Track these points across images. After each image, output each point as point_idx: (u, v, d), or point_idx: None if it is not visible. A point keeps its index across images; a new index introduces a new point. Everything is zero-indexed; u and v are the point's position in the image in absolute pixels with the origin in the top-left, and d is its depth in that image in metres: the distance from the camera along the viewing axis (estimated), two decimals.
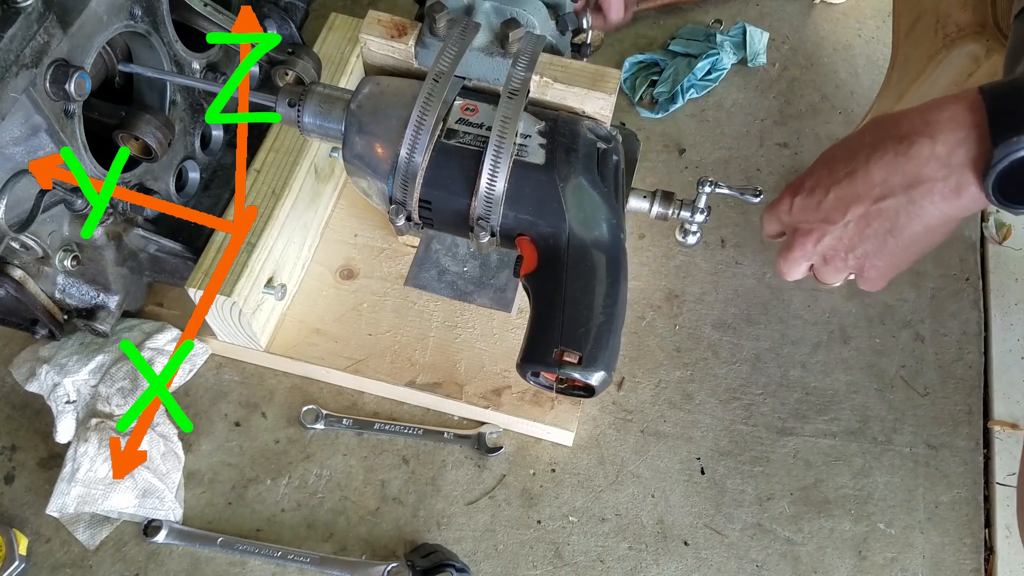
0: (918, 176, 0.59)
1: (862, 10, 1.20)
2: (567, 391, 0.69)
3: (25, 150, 0.68)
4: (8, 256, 0.73)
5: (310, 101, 0.72)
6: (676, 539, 0.85)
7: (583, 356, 0.66)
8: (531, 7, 0.75)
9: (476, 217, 0.70)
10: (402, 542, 0.84)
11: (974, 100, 0.57)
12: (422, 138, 0.68)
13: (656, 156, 1.07)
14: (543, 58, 0.74)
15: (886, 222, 0.61)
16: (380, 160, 0.71)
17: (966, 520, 0.86)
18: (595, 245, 0.69)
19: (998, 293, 0.99)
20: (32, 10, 0.61)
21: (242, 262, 0.81)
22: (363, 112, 0.72)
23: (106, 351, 0.86)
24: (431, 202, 0.71)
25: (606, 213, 0.71)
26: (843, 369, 0.94)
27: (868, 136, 0.62)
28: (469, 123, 0.71)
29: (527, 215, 0.70)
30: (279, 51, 0.79)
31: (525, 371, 0.69)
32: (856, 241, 0.64)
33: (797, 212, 0.66)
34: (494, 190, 0.68)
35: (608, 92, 0.73)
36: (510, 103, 0.69)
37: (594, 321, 0.67)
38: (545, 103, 0.76)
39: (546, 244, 0.70)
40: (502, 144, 0.68)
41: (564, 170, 0.70)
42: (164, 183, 0.83)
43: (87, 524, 0.82)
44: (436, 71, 0.69)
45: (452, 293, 0.91)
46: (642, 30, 1.18)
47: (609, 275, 0.69)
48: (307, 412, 0.89)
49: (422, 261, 0.92)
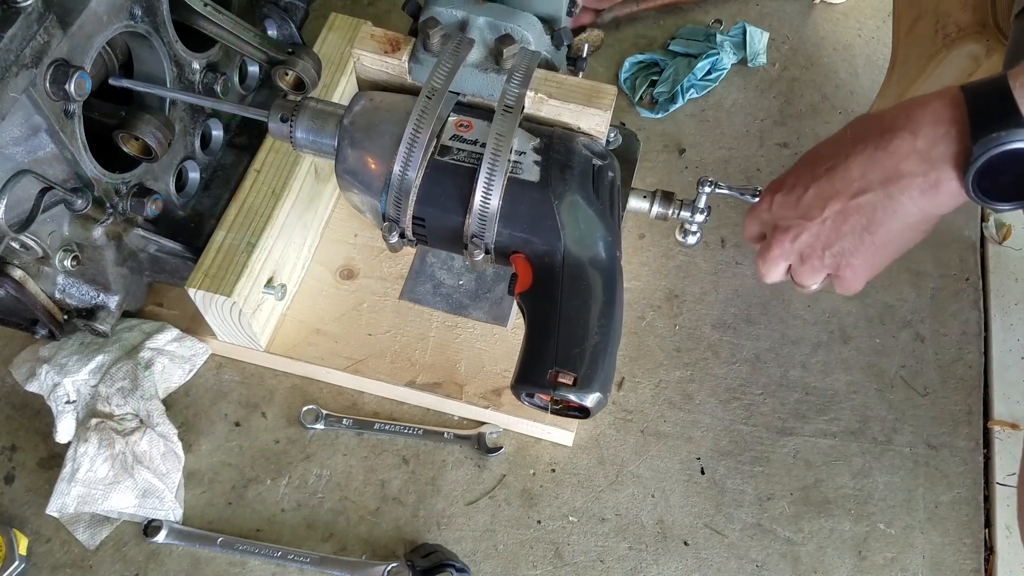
0: (897, 171, 0.59)
1: (862, 10, 1.20)
2: (562, 412, 0.69)
3: (25, 150, 0.68)
4: (8, 256, 0.73)
5: (303, 116, 0.72)
6: (676, 539, 0.85)
7: (578, 377, 0.66)
8: (525, 22, 0.74)
9: (470, 235, 0.69)
10: (402, 542, 0.84)
11: (955, 97, 0.57)
12: (416, 154, 0.68)
13: (656, 156, 1.07)
14: (538, 74, 0.73)
15: (863, 218, 0.61)
16: (373, 176, 0.70)
17: (966, 520, 0.86)
18: (590, 263, 0.69)
19: (998, 293, 0.99)
20: (32, 10, 0.61)
21: (242, 262, 0.81)
22: (356, 128, 0.71)
23: (106, 351, 0.86)
24: (425, 219, 0.70)
25: (601, 231, 0.70)
26: (843, 369, 0.94)
27: (850, 133, 0.63)
28: (463, 139, 0.70)
29: (522, 233, 0.69)
30: (279, 51, 0.79)
31: (519, 392, 0.69)
32: (833, 238, 0.63)
33: (777, 209, 0.66)
34: (488, 207, 0.68)
35: (603, 108, 0.72)
36: (504, 120, 0.68)
37: (589, 341, 0.66)
38: (540, 119, 0.75)
39: (541, 262, 0.69)
40: (496, 161, 0.67)
41: (559, 187, 0.69)
42: (164, 183, 0.83)
43: (87, 524, 0.82)
44: (430, 87, 0.68)
45: (447, 307, 0.91)
46: (642, 30, 1.18)
47: (604, 294, 0.69)
48: (307, 412, 0.89)
49: (417, 274, 0.92)
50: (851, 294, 0.68)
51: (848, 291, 0.68)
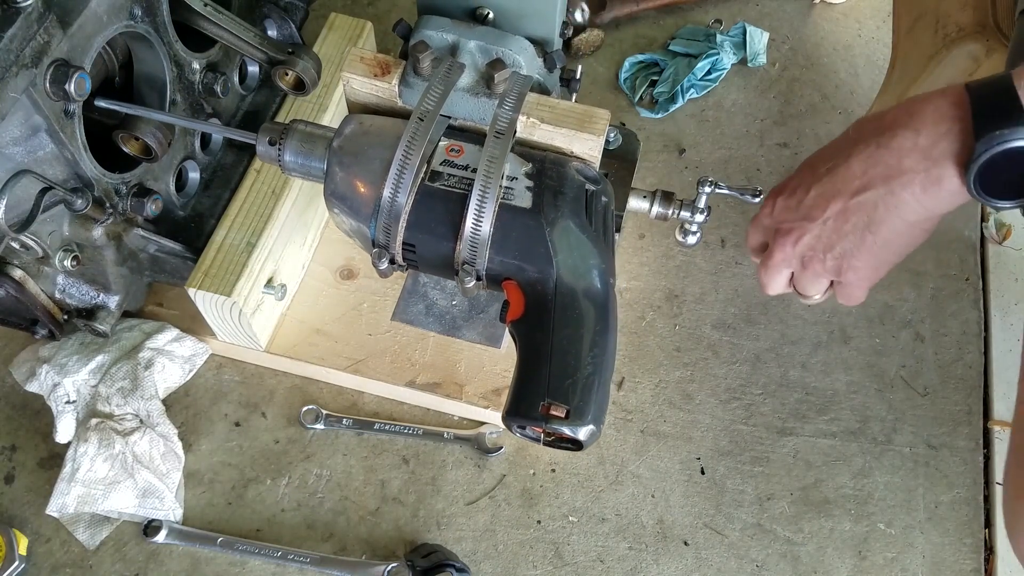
0: (899, 167, 0.59)
1: (862, 10, 1.20)
2: (554, 444, 0.67)
3: (25, 150, 0.68)
4: (8, 256, 0.73)
5: (291, 139, 0.71)
6: (676, 539, 0.85)
7: (570, 410, 0.64)
8: (517, 46, 0.73)
9: (461, 261, 0.68)
10: (402, 542, 0.84)
11: (958, 94, 0.57)
12: (406, 179, 0.66)
13: (656, 156, 1.07)
14: (530, 98, 0.72)
15: (864, 215, 0.61)
16: (363, 201, 0.69)
17: (966, 520, 0.86)
18: (583, 291, 0.68)
19: (998, 293, 0.99)
20: (32, 10, 0.61)
21: (242, 262, 0.81)
22: (345, 151, 0.70)
23: (106, 351, 0.86)
24: (415, 245, 0.69)
25: (595, 258, 0.69)
26: (843, 369, 0.94)
27: (851, 134, 0.63)
28: (454, 164, 0.69)
29: (513, 259, 0.68)
30: (279, 51, 0.79)
31: (511, 424, 0.67)
32: (835, 239, 0.63)
33: (778, 213, 0.66)
34: (479, 234, 0.67)
35: (596, 134, 0.71)
36: (496, 144, 0.67)
37: (582, 372, 0.65)
38: (532, 143, 0.74)
39: (533, 290, 0.68)
40: (487, 187, 0.66)
41: (551, 214, 0.68)
42: (164, 183, 0.83)
43: (87, 524, 0.82)
44: (421, 111, 0.67)
45: (440, 328, 0.90)
46: (642, 30, 1.18)
47: (597, 323, 0.67)
48: (307, 412, 0.89)
49: (409, 294, 0.91)
50: (854, 303, 0.67)
51: (851, 299, 0.67)
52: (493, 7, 0.75)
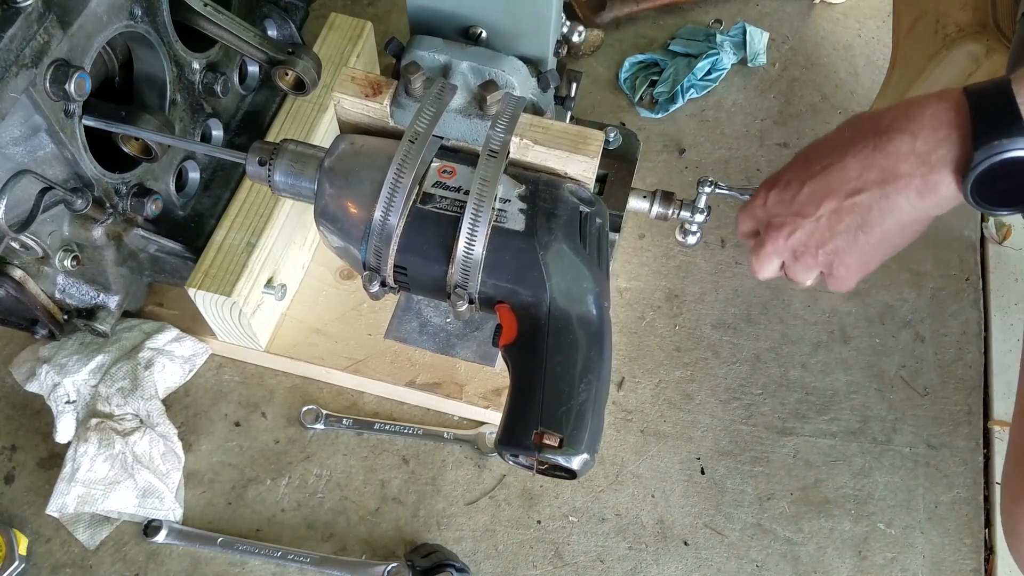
0: (894, 171, 0.58)
1: (862, 10, 1.20)
2: (548, 472, 0.67)
3: (25, 150, 0.68)
4: (8, 256, 0.73)
5: (281, 159, 0.70)
6: (676, 539, 0.85)
7: (563, 438, 0.63)
8: (510, 67, 0.72)
9: (454, 284, 0.67)
10: (402, 542, 0.84)
11: (958, 100, 0.56)
12: (398, 200, 0.65)
13: (656, 156, 1.07)
14: (523, 119, 0.71)
15: (858, 217, 0.61)
16: (354, 223, 0.68)
17: (966, 520, 0.86)
18: (577, 316, 0.67)
19: (998, 293, 0.99)
20: (32, 10, 0.61)
21: (242, 262, 0.81)
22: (336, 171, 0.69)
23: (106, 351, 0.86)
24: (407, 268, 0.68)
25: (589, 281, 0.68)
26: (843, 369, 0.94)
27: (848, 131, 0.62)
28: (446, 186, 0.68)
29: (506, 283, 0.67)
30: (279, 51, 0.79)
31: (504, 453, 0.66)
32: (827, 236, 0.63)
33: (771, 206, 0.66)
34: (472, 257, 0.65)
35: (591, 155, 0.70)
36: (489, 165, 0.66)
37: (576, 400, 0.64)
38: (526, 165, 0.72)
39: (526, 313, 0.67)
40: (480, 209, 0.65)
41: (545, 237, 0.67)
42: (164, 183, 0.83)
43: (87, 524, 0.82)
44: (412, 133, 0.66)
45: (434, 346, 0.89)
46: (642, 30, 1.18)
47: (591, 348, 0.66)
48: (307, 412, 0.89)
49: (403, 312, 0.90)
50: (843, 291, 0.68)
51: (840, 288, 0.67)
52: (486, 26, 0.74)
